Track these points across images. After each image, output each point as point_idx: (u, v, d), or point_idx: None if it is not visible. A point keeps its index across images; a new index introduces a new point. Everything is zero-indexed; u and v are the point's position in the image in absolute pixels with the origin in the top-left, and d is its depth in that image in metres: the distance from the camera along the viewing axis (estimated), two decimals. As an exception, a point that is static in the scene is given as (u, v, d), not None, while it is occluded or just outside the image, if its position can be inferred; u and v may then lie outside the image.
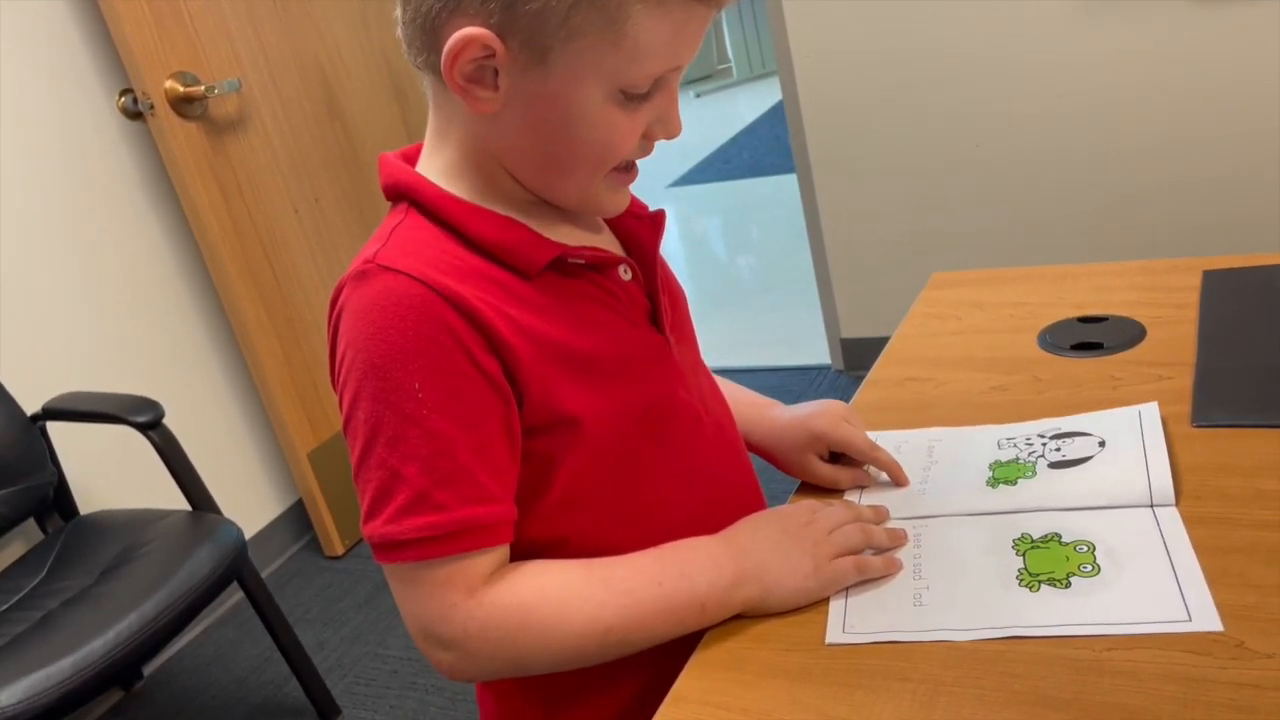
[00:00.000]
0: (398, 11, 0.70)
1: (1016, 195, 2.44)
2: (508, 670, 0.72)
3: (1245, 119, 2.16)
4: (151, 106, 2.14)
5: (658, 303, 0.79)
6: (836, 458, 0.89)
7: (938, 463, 0.87)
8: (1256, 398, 0.87)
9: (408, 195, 0.73)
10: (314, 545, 2.59)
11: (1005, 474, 0.83)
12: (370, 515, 0.68)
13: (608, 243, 0.80)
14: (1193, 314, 1.02)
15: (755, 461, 0.91)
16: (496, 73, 0.66)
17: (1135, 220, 2.34)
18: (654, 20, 0.64)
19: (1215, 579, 0.68)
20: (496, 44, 0.64)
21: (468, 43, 0.64)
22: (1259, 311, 0.99)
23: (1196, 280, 1.08)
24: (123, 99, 2.22)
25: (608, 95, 0.67)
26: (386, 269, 0.68)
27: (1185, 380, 0.92)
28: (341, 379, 0.69)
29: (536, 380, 0.69)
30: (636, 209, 0.82)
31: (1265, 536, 0.71)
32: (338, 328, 0.70)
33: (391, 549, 0.67)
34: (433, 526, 0.66)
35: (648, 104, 0.69)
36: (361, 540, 2.55)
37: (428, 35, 0.67)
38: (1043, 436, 0.87)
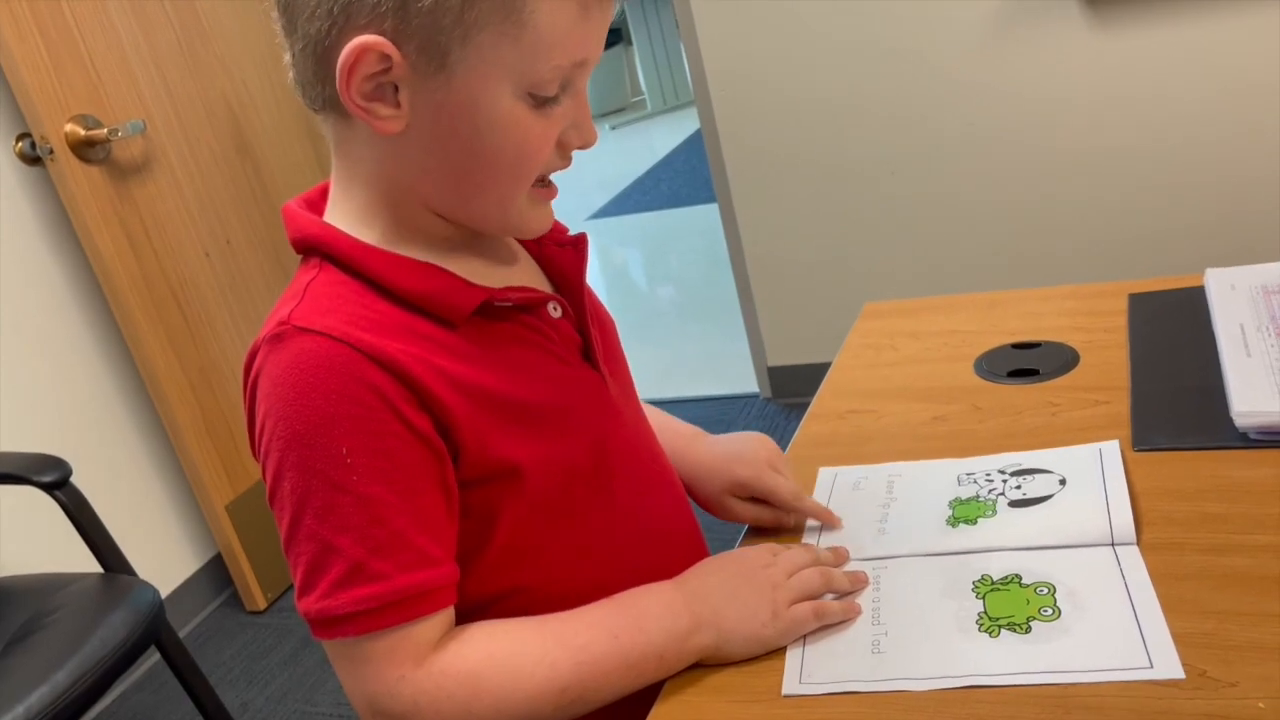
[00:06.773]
0: (287, 57, 0.66)
1: (935, 221, 2.48)
2: None
3: (1152, 139, 2.22)
4: (51, 151, 2.05)
5: (589, 336, 0.77)
6: None
7: (897, 499, 0.86)
8: (1192, 419, 0.88)
9: (319, 249, 0.69)
10: (234, 600, 2.48)
11: (965, 513, 0.82)
12: (304, 590, 0.65)
13: (532, 277, 0.78)
14: (1122, 338, 1.04)
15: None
16: (397, 88, 0.64)
17: (1052, 243, 2.39)
18: (554, 6, 0.62)
19: (1170, 607, 0.68)
20: (392, 51, 0.62)
21: (362, 53, 0.62)
22: (1185, 333, 1.01)
23: (1123, 304, 1.10)
24: (20, 144, 2.12)
25: (515, 97, 0.65)
26: (303, 330, 0.64)
27: (1121, 404, 0.93)
28: (263, 450, 0.66)
29: (471, 432, 0.67)
30: (558, 236, 0.80)
31: (1215, 561, 0.72)
32: (254, 395, 0.66)
33: (330, 624, 0.64)
34: (372, 598, 0.63)
35: (558, 108, 0.67)
36: (284, 593, 2.46)
37: (320, 63, 0.64)
38: (1003, 473, 0.86)
